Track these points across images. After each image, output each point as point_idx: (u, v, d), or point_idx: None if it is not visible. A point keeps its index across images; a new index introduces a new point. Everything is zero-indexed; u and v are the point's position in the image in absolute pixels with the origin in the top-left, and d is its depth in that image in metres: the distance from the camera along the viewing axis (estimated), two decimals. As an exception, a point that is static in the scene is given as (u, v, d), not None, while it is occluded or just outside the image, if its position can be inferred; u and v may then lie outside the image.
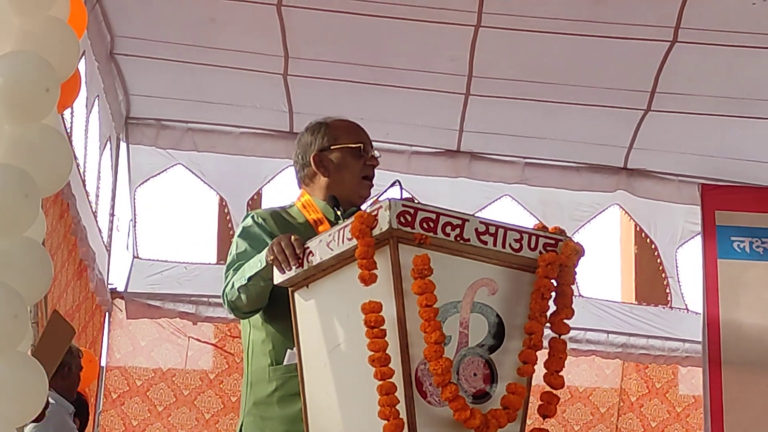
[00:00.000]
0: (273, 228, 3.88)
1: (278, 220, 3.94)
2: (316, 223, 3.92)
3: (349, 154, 4.02)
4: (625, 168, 9.18)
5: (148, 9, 7.68)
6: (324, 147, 4.03)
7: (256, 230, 3.90)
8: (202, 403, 10.06)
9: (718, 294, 8.51)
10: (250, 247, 3.85)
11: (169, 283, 9.15)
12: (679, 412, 10.77)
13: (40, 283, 3.69)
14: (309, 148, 4.05)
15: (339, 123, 4.12)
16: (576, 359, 9.83)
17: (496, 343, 3.39)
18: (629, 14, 7.34)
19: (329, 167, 4.01)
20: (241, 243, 3.90)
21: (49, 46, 3.72)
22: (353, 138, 4.06)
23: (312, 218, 3.95)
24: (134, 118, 9.00)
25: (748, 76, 7.87)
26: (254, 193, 9.24)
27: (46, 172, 3.64)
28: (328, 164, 4.02)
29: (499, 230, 3.37)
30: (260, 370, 3.85)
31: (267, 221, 3.92)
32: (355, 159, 4.02)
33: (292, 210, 4.02)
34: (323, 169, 4.02)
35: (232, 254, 3.89)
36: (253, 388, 3.87)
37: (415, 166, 9.07)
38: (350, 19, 7.53)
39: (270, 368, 3.82)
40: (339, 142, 4.03)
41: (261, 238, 3.83)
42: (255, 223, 3.93)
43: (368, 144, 4.06)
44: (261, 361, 3.86)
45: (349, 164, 4.01)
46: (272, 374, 3.81)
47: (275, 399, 3.79)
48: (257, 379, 3.86)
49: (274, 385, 3.80)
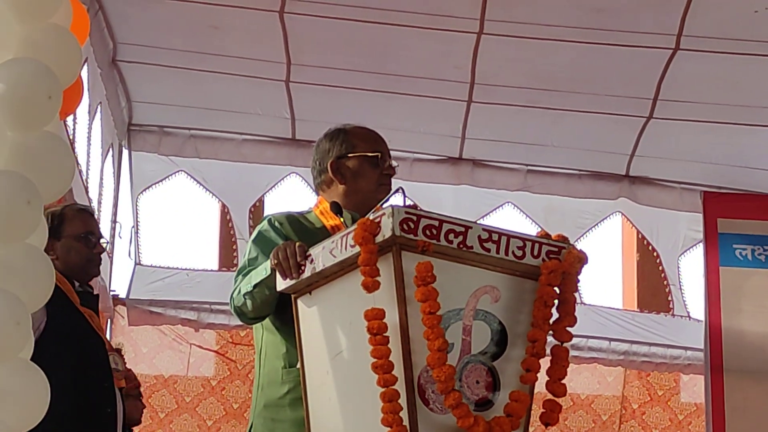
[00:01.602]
0: (289, 232, 3.88)
1: (295, 224, 3.94)
2: (333, 229, 3.91)
3: (366, 163, 4.02)
4: (628, 175, 9.17)
5: (150, 16, 7.68)
6: (342, 154, 4.03)
7: (272, 234, 3.89)
8: (203, 410, 10.05)
9: (720, 301, 8.50)
10: (261, 254, 3.85)
11: (171, 290, 9.13)
12: (681, 419, 10.76)
13: (42, 290, 3.68)
14: (327, 155, 4.05)
15: (358, 130, 4.13)
16: (578, 366, 9.82)
17: (499, 350, 3.39)
18: (631, 22, 7.34)
19: (346, 174, 4.02)
20: (254, 249, 3.90)
21: (52, 53, 3.71)
22: (371, 146, 4.06)
23: (330, 224, 3.94)
24: (137, 125, 9.00)
25: (750, 84, 7.87)
26: (256, 200, 9.23)
27: (48, 178, 3.63)
28: (345, 171, 4.02)
29: (502, 238, 3.37)
30: (273, 372, 3.85)
31: (284, 225, 3.92)
32: (372, 167, 4.02)
33: (310, 216, 4.02)
34: (340, 176, 4.02)
35: (243, 259, 3.90)
36: (265, 390, 3.87)
37: (417, 174, 9.06)
38: (352, 26, 7.53)
39: (283, 370, 3.82)
40: (357, 150, 4.03)
41: (276, 243, 3.81)
42: (271, 227, 3.92)
43: (386, 153, 4.06)
44: (274, 363, 3.86)
45: (366, 172, 4.02)
46: (285, 376, 3.81)
47: (287, 401, 3.79)
48: (269, 381, 3.86)
49: (287, 388, 3.80)
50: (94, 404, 4.89)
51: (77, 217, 5.20)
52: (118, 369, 5.09)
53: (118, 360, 5.15)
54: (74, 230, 5.13)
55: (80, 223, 5.17)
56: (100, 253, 5.20)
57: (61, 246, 5.09)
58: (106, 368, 4.99)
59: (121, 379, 5.10)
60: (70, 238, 5.12)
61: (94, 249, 5.16)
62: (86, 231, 5.16)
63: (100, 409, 4.91)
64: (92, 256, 5.16)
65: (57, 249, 5.07)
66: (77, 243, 5.11)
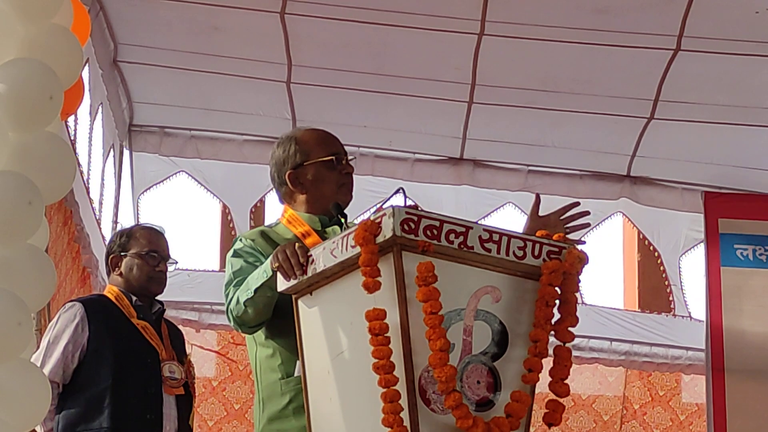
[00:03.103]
0: (263, 246, 3.88)
1: (266, 238, 3.92)
2: (303, 235, 3.90)
3: (323, 168, 3.97)
4: (629, 176, 9.16)
5: (151, 17, 7.69)
6: (297, 164, 3.98)
7: (249, 249, 3.90)
8: (205, 410, 10.05)
9: (721, 302, 8.51)
10: (246, 263, 3.85)
11: (172, 291, 9.01)
12: (682, 419, 10.76)
13: (44, 291, 3.69)
14: (283, 167, 4.00)
15: (308, 136, 4.06)
16: (579, 367, 9.81)
17: (500, 351, 3.39)
18: (633, 23, 7.34)
19: (305, 183, 3.98)
20: (236, 261, 3.89)
21: (53, 54, 3.72)
22: (325, 150, 4.00)
23: (299, 231, 3.93)
24: (137, 126, 9.00)
25: (751, 85, 7.87)
26: (257, 201, 9.23)
27: (49, 179, 3.64)
28: (304, 181, 3.98)
29: (502, 238, 3.37)
30: (272, 385, 3.84)
31: (256, 241, 3.91)
32: (330, 171, 3.98)
33: (278, 228, 3.99)
34: (300, 186, 3.98)
35: (228, 274, 3.88)
36: (266, 404, 3.86)
37: (418, 174, 9.06)
38: (353, 27, 7.54)
39: (281, 381, 3.81)
40: (311, 157, 3.98)
41: (255, 255, 3.84)
42: (244, 244, 3.93)
43: (341, 152, 4.01)
44: (271, 376, 3.85)
45: (325, 177, 3.97)
46: (284, 387, 3.80)
47: (291, 410, 3.78)
48: (269, 395, 3.85)
49: (288, 398, 3.79)
50: (134, 410, 4.99)
51: (143, 235, 5.31)
52: (174, 377, 5.14)
53: (176, 368, 5.18)
54: (139, 248, 5.22)
55: (145, 241, 5.29)
56: (163, 272, 5.26)
57: (126, 263, 5.26)
58: (155, 376, 5.08)
59: (177, 387, 5.14)
60: (134, 255, 5.22)
61: (156, 267, 5.22)
62: (150, 249, 5.25)
63: (140, 415, 5.01)
64: (154, 273, 5.26)
65: (122, 265, 5.21)
66: (140, 260, 5.22)
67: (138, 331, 5.14)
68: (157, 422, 5.05)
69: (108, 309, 5.16)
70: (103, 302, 5.22)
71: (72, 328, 5.05)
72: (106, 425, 4.94)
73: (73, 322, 5.07)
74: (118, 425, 4.96)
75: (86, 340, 5.04)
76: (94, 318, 5.09)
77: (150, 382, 5.08)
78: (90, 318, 5.07)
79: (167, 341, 5.26)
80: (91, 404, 4.98)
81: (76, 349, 5.04)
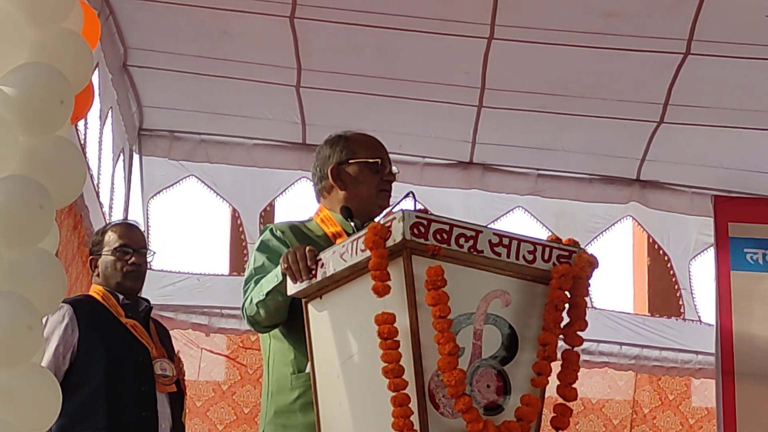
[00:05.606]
0: (292, 240, 3.89)
1: (297, 233, 3.95)
2: (334, 236, 3.93)
3: (366, 169, 4.04)
4: (638, 180, 9.15)
5: (161, 21, 7.69)
6: (342, 160, 4.05)
7: (275, 243, 3.91)
8: (214, 414, 10.06)
9: (731, 306, 8.50)
10: (268, 261, 3.86)
11: (182, 295, 9.13)
12: (692, 424, 10.76)
13: (54, 294, 3.69)
14: (327, 161, 4.08)
15: (358, 137, 4.15)
16: (589, 371, 9.81)
17: (509, 354, 3.39)
18: (642, 26, 7.33)
19: (346, 180, 4.04)
20: (259, 257, 3.91)
21: (63, 58, 3.73)
22: (371, 153, 4.08)
23: (331, 231, 3.96)
24: (147, 130, 9.01)
25: (761, 88, 7.86)
26: (267, 205, 9.23)
27: (60, 183, 3.65)
28: (345, 177, 4.04)
29: (512, 242, 3.37)
30: (282, 379, 3.86)
31: (285, 234, 3.93)
32: (372, 173, 4.04)
33: (311, 224, 4.03)
34: (340, 182, 4.04)
35: (249, 268, 3.90)
36: (274, 397, 3.88)
37: (427, 178, 9.06)
38: (363, 32, 7.54)
39: (292, 376, 3.83)
40: (357, 156, 4.05)
41: (280, 251, 3.83)
42: (273, 236, 3.93)
43: (386, 159, 4.09)
44: (282, 370, 3.87)
45: (366, 178, 4.03)
46: (294, 382, 3.82)
47: (298, 406, 3.80)
48: (279, 388, 3.87)
49: (297, 393, 3.81)
50: (129, 409, 4.96)
51: (114, 231, 5.25)
52: (166, 374, 5.13)
53: (167, 366, 5.17)
54: (111, 244, 5.19)
55: (116, 236, 5.23)
56: (138, 264, 5.21)
57: (101, 261, 5.19)
58: (147, 373, 5.07)
59: (169, 384, 5.13)
60: (107, 252, 5.18)
61: (129, 260, 5.18)
62: (121, 243, 5.20)
63: (136, 414, 4.99)
64: (128, 267, 5.20)
65: (99, 265, 5.17)
66: (112, 256, 5.17)
67: (127, 329, 5.11)
68: (152, 420, 5.03)
69: (96, 309, 5.12)
70: (91, 302, 5.16)
71: (62, 330, 4.99)
72: (102, 425, 4.91)
73: (62, 324, 5.00)
74: (114, 424, 4.93)
75: (76, 341, 4.99)
76: (83, 318, 5.04)
77: (143, 380, 5.05)
78: (79, 319, 5.02)
79: (156, 339, 5.25)
80: (86, 405, 4.94)
81: (67, 350, 4.99)
